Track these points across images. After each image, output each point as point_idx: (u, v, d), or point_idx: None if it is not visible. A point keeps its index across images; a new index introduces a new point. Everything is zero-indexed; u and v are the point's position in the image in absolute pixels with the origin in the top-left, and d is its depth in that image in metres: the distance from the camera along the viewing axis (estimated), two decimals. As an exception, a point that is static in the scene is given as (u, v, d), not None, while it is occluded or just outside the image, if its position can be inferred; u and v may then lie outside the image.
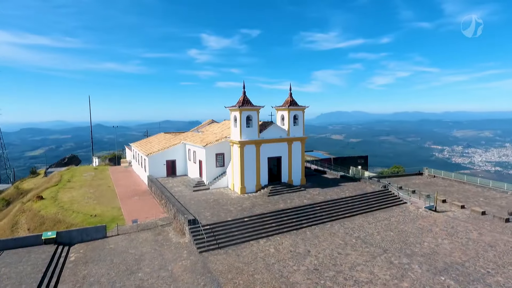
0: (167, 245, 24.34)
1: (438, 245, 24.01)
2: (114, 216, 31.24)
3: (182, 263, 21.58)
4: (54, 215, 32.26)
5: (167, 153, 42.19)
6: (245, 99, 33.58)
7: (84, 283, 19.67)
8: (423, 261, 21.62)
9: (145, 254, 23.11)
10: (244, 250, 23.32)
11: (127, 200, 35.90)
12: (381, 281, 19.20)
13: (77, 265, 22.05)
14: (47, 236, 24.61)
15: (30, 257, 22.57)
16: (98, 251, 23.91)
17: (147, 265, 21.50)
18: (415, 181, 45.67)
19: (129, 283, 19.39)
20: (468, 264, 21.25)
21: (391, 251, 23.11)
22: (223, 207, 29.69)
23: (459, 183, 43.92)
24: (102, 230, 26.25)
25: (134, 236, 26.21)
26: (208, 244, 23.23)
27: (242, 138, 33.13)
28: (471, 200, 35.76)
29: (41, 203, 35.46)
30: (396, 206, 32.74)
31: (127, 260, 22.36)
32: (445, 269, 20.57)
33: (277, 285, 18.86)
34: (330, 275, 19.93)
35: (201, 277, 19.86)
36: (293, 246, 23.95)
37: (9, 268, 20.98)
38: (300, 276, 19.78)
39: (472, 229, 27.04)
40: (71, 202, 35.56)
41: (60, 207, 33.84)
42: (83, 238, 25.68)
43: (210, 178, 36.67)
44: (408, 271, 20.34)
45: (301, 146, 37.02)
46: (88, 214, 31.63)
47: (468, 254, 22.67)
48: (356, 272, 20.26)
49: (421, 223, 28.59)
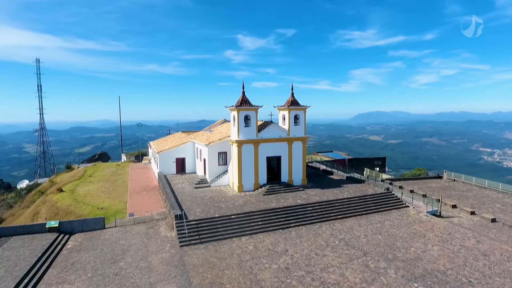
0: (155, 238, 25.64)
1: (425, 251, 22.97)
2: (118, 209, 33.30)
3: (162, 256, 22.71)
4: (67, 206, 35.10)
5: (176, 151, 43.95)
6: (243, 99, 34.16)
7: (71, 268, 21.46)
8: (402, 266, 20.86)
9: (133, 245, 24.56)
10: (224, 246, 23.96)
11: (135, 195, 38.00)
12: (349, 284, 18.90)
13: (71, 252, 24.03)
14: (51, 225, 26.99)
15: (32, 243, 24.96)
16: (93, 241, 25.82)
17: (131, 256, 22.89)
18: (431, 185, 43.46)
19: (108, 271, 20.84)
20: (451, 272, 20.17)
21: (372, 254, 22.51)
22: (216, 204, 30.53)
23: (480, 188, 41.12)
24: (100, 222, 28.22)
25: (129, 229, 27.88)
26: (189, 239, 24.18)
27: (239, 137, 33.76)
28: (486, 206, 33.48)
29: (60, 195, 38.67)
30: (396, 210, 31.54)
31: (115, 250, 23.94)
32: (423, 276, 19.72)
33: (242, 281, 19.29)
34: (299, 274, 19.95)
35: (174, 269, 20.81)
36: (273, 244, 24.16)
37: (11, 251, 23.41)
38: (268, 274, 20.02)
39: (470, 236, 25.45)
40: (85, 195, 38.38)
41: (74, 199, 36.70)
42: (83, 228, 27.81)
43: (212, 176, 37.73)
44: (381, 275, 19.79)
45: (302, 146, 36.84)
46: (96, 207, 34.02)
47: (455, 262, 21.48)
48: (326, 273, 20.09)
49: (417, 227, 27.38)
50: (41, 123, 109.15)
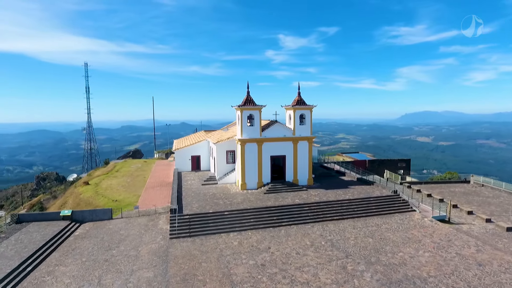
0: (151, 230, 27.28)
1: (413, 257, 21.93)
2: (131, 202, 35.70)
3: (151, 246, 24.19)
4: (88, 198, 38.34)
5: (192, 149, 45.80)
6: (247, 99, 34.80)
7: (71, 253, 23.72)
8: (382, 270, 20.20)
9: (130, 235, 26.39)
10: (210, 240, 24.86)
11: (150, 189, 40.35)
12: (318, 284, 18.80)
13: (77, 239, 26.46)
14: (64, 213, 29.85)
15: (46, 228, 27.85)
16: (99, 229, 28.13)
17: (125, 245, 24.67)
18: (454, 189, 40.69)
19: (101, 257, 22.73)
20: (433, 280, 19.16)
21: (354, 257, 22.00)
22: (215, 200, 31.54)
23: (509, 195, 37.70)
24: (108, 213, 30.59)
25: (133, 220, 29.89)
26: (179, 232, 25.42)
27: (242, 136, 34.46)
28: (508, 214, 30.76)
29: (85, 188, 42.29)
30: (400, 213, 30.20)
31: (113, 239, 25.93)
32: (400, 281, 18.96)
33: (215, 274, 20.02)
34: (272, 272, 20.20)
35: (157, 259, 22.13)
36: (258, 242, 24.55)
37: (26, 235, 26.37)
38: (242, 269, 20.53)
39: (472, 245, 23.73)
40: (106, 188, 41.56)
41: (95, 191, 39.96)
42: (93, 218, 30.34)
43: (220, 173, 38.85)
44: (355, 278, 19.37)
45: (308, 145, 36.56)
46: (112, 199, 36.78)
47: (443, 270, 20.30)
48: (300, 272, 20.11)
49: (415, 232, 26.08)
50: (89, 121, 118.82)
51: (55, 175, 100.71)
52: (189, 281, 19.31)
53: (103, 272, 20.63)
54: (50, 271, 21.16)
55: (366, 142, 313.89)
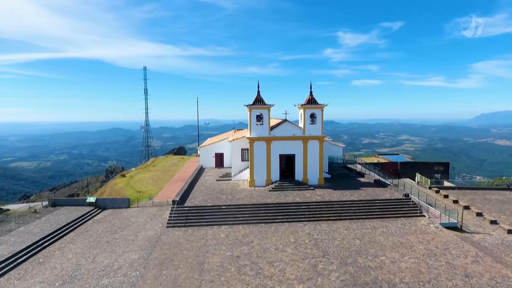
0: (156, 219, 29.82)
1: (394, 262, 20.95)
2: (152, 193, 39.01)
3: (148, 233, 26.61)
4: (119, 189, 42.75)
5: (215, 146, 48.03)
6: (258, 98, 35.69)
7: (84, 234, 27.24)
8: (353, 272, 19.77)
9: (136, 222, 29.23)
10: (201, 231, 26.44)
11: (174, 183, 43.47)
12: (281, 278, 19.18)
13: (94, 222, 30.12)
14: (90, 200, 34.01)
15: (73, 212, 32.10)
16: (114, 216, 31.58)
17: (129, 230, 27.49)
18: (491, 197, 36.81)
19: (104, 239, 25.77)
20: (403, 286, 18.27)
21: (330, 257, 21.74)
22: (219, 195, 33.08)
23: (556, 206, 33.00)
24: (126, 202, 34.06)
25: (145, 210, 32.86)
26: (175, 222, 27.47)
27: (251, 135, 35.45)
28: (540, 226, 27.24)
29: (120, 179, 47.10)
30: (405, 218, 28.52)
31: (122, 224, 29.00)
32: (365, 284, 18.45)
33: (190, 261, 21.53)
34: (243, 264, 21.04)
35: (148, 243, 24.39)
36: (244, 236, 25.45)
37: (55, 217, 30.76)
38: (217, 259, 21.72)
39: (470, 255, 21.76)
40: (137, 181, 45.79)
41: (126, 183, 44.34)
42: (113, 205, 34.03)
43: (235, 170, 40.30)
44: (320, 277, 19.31)
45: (319, 145, 36.14)
46: (137, 190, 40.56)
47: (420, 277, 19.15)
48: (269, 267, 20.62)
49: (411, 238, 24.60)
50: (146, 120, 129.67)
51: (120, 169, 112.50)
52: (165, 264, 21.10)
53: (100, 252, 23.47)
54: (61, 247, 24.67)
55: (434, 144, 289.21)
